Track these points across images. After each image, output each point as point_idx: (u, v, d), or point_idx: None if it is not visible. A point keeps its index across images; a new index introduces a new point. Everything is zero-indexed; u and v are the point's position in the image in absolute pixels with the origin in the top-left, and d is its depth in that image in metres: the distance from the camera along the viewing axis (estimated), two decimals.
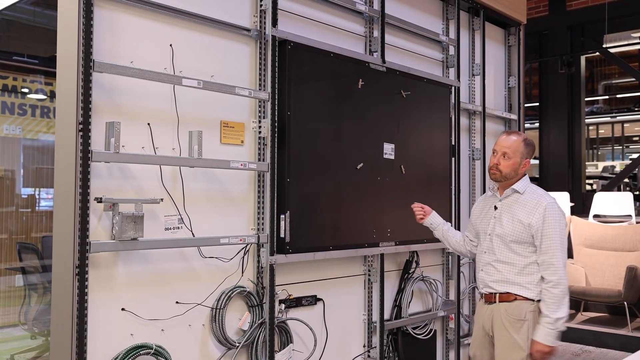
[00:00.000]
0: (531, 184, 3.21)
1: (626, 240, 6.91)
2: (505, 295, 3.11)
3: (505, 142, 3.18)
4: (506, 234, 3.13)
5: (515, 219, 3.11)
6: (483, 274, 3.22)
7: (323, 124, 3.48)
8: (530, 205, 3.09)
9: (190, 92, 2.93)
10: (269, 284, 3.18)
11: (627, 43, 9.10)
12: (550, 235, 3.03)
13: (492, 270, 3.17)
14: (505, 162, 3.14)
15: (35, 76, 6.86)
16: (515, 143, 3.15)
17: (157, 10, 2.83)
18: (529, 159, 3.18)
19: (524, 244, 3.09)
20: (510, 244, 3.11)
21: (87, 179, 2.50)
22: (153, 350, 2.70)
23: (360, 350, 3.88)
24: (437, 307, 4.37)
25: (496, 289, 3.14)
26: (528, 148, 3.18)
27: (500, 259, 3.15)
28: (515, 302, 3.08)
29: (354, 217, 3.64)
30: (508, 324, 3.07)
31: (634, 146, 21.05)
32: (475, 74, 4.88)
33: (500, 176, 3.16)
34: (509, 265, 3.12)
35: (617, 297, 6.43)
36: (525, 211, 3.09)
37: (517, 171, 3.15)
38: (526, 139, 3.20)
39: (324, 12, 3.67)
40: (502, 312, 3.10)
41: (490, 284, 3.17)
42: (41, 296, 5.22)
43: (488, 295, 3.19)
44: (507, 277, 3.12)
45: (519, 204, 3.13)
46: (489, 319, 3.17)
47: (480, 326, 3.25)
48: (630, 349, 5.73)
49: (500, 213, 3.19)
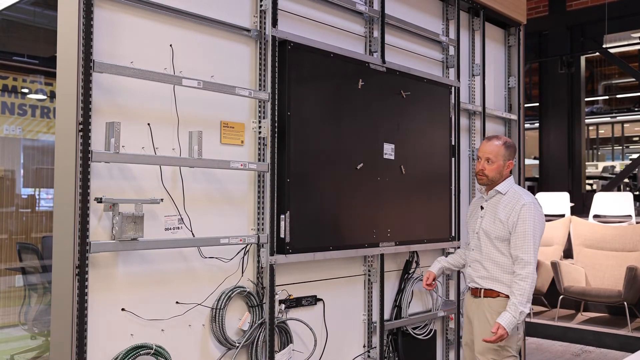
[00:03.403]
0: (514, 185, 3.44)
1: (626, 240, 6.91)
2: (489, 291, 3.34)
3: (487, 147, 3.41)
4: (489, 232, 3.36)
5: (496, 218, 3.34)
6: (470, 269, 3.48)
7: (323, 124, 3.48)
8: (510, 204, 3.32)
9: (190, 92, 2.93)
10: (269, 284, 3.18)
11: (627, 43, 9.11)
12: (522, 232, 3.24)
13: (479, 266, 3.41)
14: (490, 167, 3.38)
15: (35, 76, 6.85)
16: (496, 148, 3.38)
17: (157, 10, 2.83)
18: (511, 160, 3.42)
19: (505, 241, 3.31)
20: (495, 242, 3.34)
21: (87, 179, 2.50)
22: (153, 351, 2.70)
23: (360, 350, 3.88)
24: (437, 307, 4.37)
25: (481, 285, 3.38)
26: (509, 150, 3.42)
27: (486, 257, 3.38)
28: (498, 298, 3.31)
29: (354, 217, 3.64)
30: (490, 317, 3.30)
31: (634, 146, 21.06)
32: (475, 74, 4.88)
33: (487, 180, 3.40)
34: (493, 263, 3.35)
35: (617, 297, 6.43)
36: (505, 210, 3.32)
37: (501, 173, 3.39)
38: (506, 142, 3.44)
39: (324, 12, 3.67)
40: (486, 307, 3.34)
41: (476, 279, 3.41)
42: (41, 296, 5.22)
43: (474, 289, 3.44)
44: (492, 274, 3.35)
45: (501, 203, 3.37)
46: (473, 311, 3.43)
47: (466, 315, 3.55)
48: (630, 349, 5.74)
49: (485, 212, 3.43)
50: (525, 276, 3.18)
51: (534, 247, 3.22)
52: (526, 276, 3.18)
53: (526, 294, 3.17)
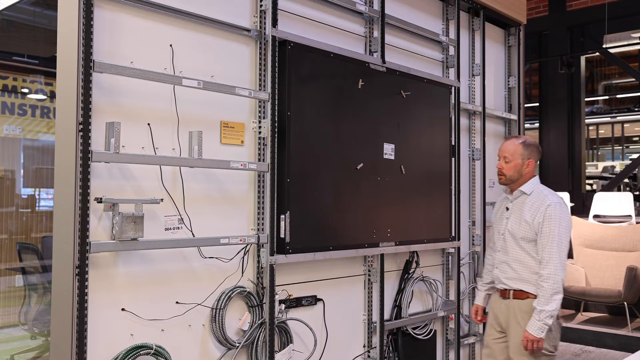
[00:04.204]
0: (539, 185, 3.40)
1: (626, 240, 6.91)
2: (519, 292, 3.32)
3: (504, 146, 3.45)
4: (515, 232, 3.34)
5: (521, 219, 3.32)
6: (498, 271, 3.46)
7: (323, 124, 3.48)
8: (535, 205, 3.29)
9: (190, 92, 2.93)
10: (269, 284, 3.18)
11: (627, 43, 9.09)
12: (548, 232, 3.22)
13: (506, 267, 3.40)
14: (507, 166, 3.39)
15: (35, 76, 6.86)
16: (512, 146, 3.40)
17: (157, 10, 2.83)
18: (531, 159, 3.38)
19: (532, 242, 3.28)
20: (521, 242, 3.32)
21: (87, 179, 2.50)
22: (153, 351, 2.70)
23: (360, 350, 3.88)
24: (437, 307, 4.37)
25: (510, 286, 3.37)
26: (528, 149, 3.39)
27: (513, 258, 3.36)
28: (528, 299, 3.28)
29: (354, 217, 3.64)
30: (521, 319, 3.28)
31: (634, 146, 21.07)
32: (475, 74, 4.88)
33: (506, 179, 3.40)
34: (520, 263, 3.33)
35: (617, 297, 6.43)
36: (530, 211, 3.29)
37: (520, 172, 3.37)
38: (525, 141, 3.42)
39: (324, 13, 3.67)
40: (516, 309, 3.32)
41: (505, 280, 3.40)
42: (41, 296, 5.23)
43: (503, 291, 3.42)
44: (520, 274, 3.33)
45: (526, 204, 3.33)
46: (502, 312, 3.41)
47: (493, 314, 3.51)
48: (630, 349, 5.74)
49: (510, 213, 3.41)
50: (547, 277, 3.17)
51: (558, 247, 3.19)
52: (547, 277, 3.17)
53: (547, 295, 3.16)
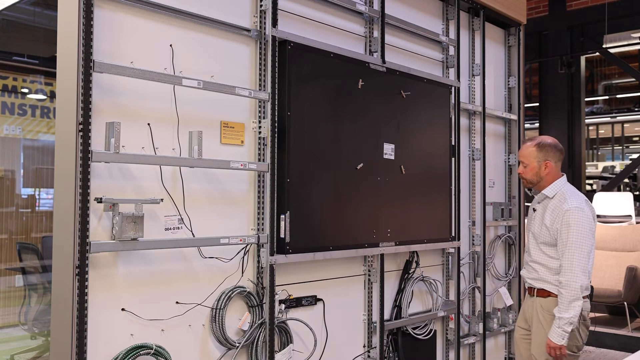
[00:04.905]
0: (564, 187, 3.37)
1: (626, 240, 6.92)
2: (541, 291, 3.40)
3: (520, 151, 3.51)
4: (537, 235, 3.40)
5: (542, 223, 3.34)
6: (524, 270, 3.57)
7: (323, 124, 3.48)
8: (556, 210, 3.30)
9: (190, 92, 2.93)
10: (269, 284, 3.18)
11: (627, 43, 9.11)
12: (565, 239, 3.22)
13: (530, 268, 3.48)
14: (525, 170, 3.43)
15: (35, 76, 6.86)
16: (526, 150, 3.43)
17: (157, 10, 2.83)
18: (548, 161, 3.37)
19: (552, 246, 3.31)
20: (541, 246, 3.37)
21: (87, 179, 2.50)
22: (153, 351, 2.70)
23: (360, 350, 3.88)
24: (437, 307, 4.37)
25: (534, 285, 3.45)
26: (543, 151, 3.37)
27: (534, 259, 3.43)
28: (549, 298, 3.34)
29: (354, 217, 3.64)
30: (542, 319, 3.35)
31: (634, 146, 21.08)
32: (475, 74, 4.88)
33: (527, 183, 3.46)
34: (540, 265, 3.39)
35: (617, 297, 6.44)
36: (551, 216, 3.31)
37: (539, 175, 3.39)
38: (540, 142, 3.40)
39: (324, 13, 3.67)
40: (539, 307, 3.39)
41: (529, 280, 3.50)
42: (41, 296, 5.23)
43: (529, 288, 3.52)
44: (541, 275, 3.39)
45: (549, 208, 3.36)
46: (528, 309, 3.51)
47: (522, 310, 3.64)
48: (630, 349, 5.74)
49: (535, 215, 3.47)
50: (565, 284, 3.19)
51: (577, 253, 3.17)
52: (566, 284, 3.18)
53: (566, 302, 3.17)
